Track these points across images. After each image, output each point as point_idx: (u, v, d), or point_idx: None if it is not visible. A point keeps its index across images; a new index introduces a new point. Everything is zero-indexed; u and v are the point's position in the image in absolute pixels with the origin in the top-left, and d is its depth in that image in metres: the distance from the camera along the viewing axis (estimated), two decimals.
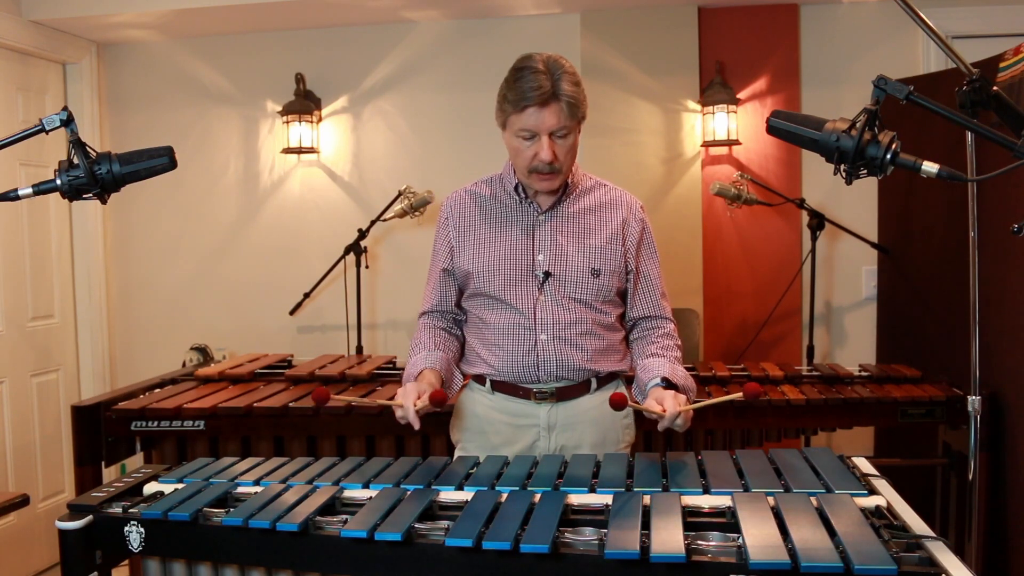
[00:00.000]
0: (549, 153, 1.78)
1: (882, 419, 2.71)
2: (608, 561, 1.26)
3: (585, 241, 1.90)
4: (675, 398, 1.69)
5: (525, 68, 1.77)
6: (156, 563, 1.55)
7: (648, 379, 1.84)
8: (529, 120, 1.77)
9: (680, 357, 1.94)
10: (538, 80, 1.73)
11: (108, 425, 2.61)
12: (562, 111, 1.76)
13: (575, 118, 1.79)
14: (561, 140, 1.80)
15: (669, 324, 1.99)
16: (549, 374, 1.90)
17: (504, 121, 1.84)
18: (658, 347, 1.93)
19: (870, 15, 3.57)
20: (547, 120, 1.76)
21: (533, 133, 1.78)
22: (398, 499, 1.50)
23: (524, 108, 1.76)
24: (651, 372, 1.85)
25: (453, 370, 1.96)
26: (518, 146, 1.82)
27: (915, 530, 1.32)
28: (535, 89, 1.73)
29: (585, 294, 1.89)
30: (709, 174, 3.62)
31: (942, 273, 3.06)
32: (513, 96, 1.77)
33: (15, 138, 1.49)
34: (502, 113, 1.83)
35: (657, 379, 1.81)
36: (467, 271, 1.93)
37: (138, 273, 4.01)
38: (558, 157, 1.80)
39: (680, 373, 1.86)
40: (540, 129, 1.77)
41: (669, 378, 1.80)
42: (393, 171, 3.79)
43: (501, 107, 1.83)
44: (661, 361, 1.87)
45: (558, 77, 1.75)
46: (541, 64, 1.76)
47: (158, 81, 3.94)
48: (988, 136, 1.37)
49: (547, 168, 1.81)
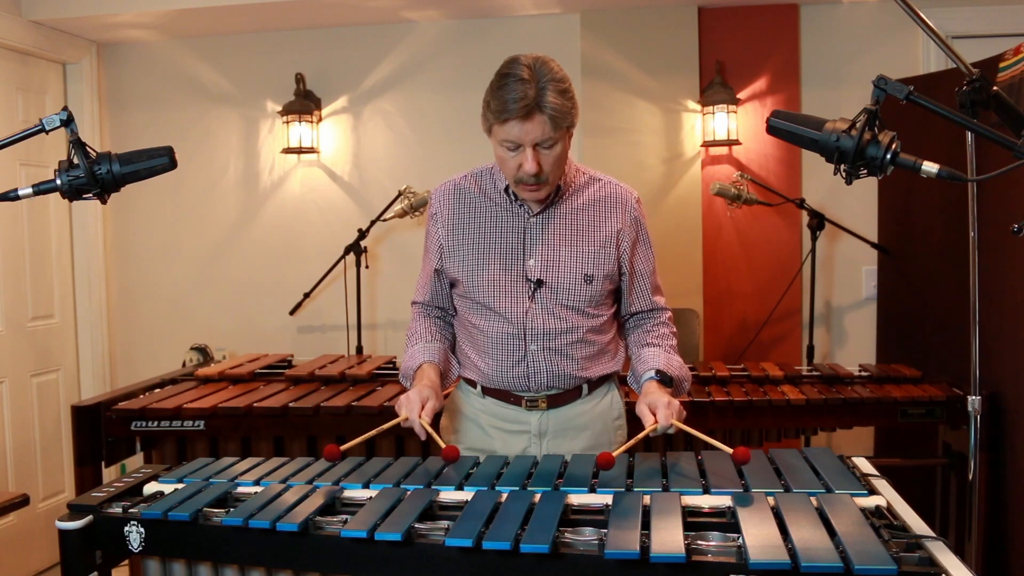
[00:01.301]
0: (533, 165, 1.71)
1: (882, 419, 2.71)
2: (608, 561, 1.26)
3: (578, 245, 1.86)
4: (668, 407, 1.66)
5: (509, 75, 1.68)
6: (156, 563, 1.54)
7: (643, 371, 1.83)
8: (511, 132, 1.69)
9: (675, 346, 1.92)
10: (522, 90, 1.65)
11: (108, 425, 2.61)
12: (545, 123, 1.68)
13: (559, 129, 1.70)
14: (547, 151, 1.72)
15: (665, 314, 1.96)
16: (540, 384, 1.87)
17: (488, 129, 1.75)
18: (654, 336, 1.91)
19: (870, 15, 3.57)
20: (530, 132, 1.68)
21: (517, 144, 1.71)
22: (398, 499, 1.50)
23: (506, 120, 1.68)
24: (647, 364, 1.84)
25: (451, 361, 1.96)
26: (503, 156, 1.76)
27: (915, 530, 1.32)
28: (517, 100, 1.65)
29: (577, 301, 1.85)
30: (709, 174, 3.62)
31: (942, 273, 3.06)
32: (496, 106, 1.68)
33: (15, 138, 1.49)
34: (486, 120, 1.75)
35: (651, 372, 1.80)
36: (456, 277, 1.91)
37: (138, 273, 4.01)
38: (543, 168, 1.73)
39: (675, 363, 1.85)
40: (523, 141, 1.69)
41: (664, 370, 1.80)
42: (393, 171, 3.79)
43: (484, 115, 1.74)
44: (656, 352, 1.86)
45: (543, 86, 1.67)
46: (526, 71, 1.67)
47: (158, 81, 3.94)
48: (988, 136, 1.37)
49: (532, 180, 1.74)
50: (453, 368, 1.96)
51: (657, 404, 1.68)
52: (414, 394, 1.74)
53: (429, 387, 1.77)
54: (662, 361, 1.83)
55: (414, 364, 1.87)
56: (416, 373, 1.86)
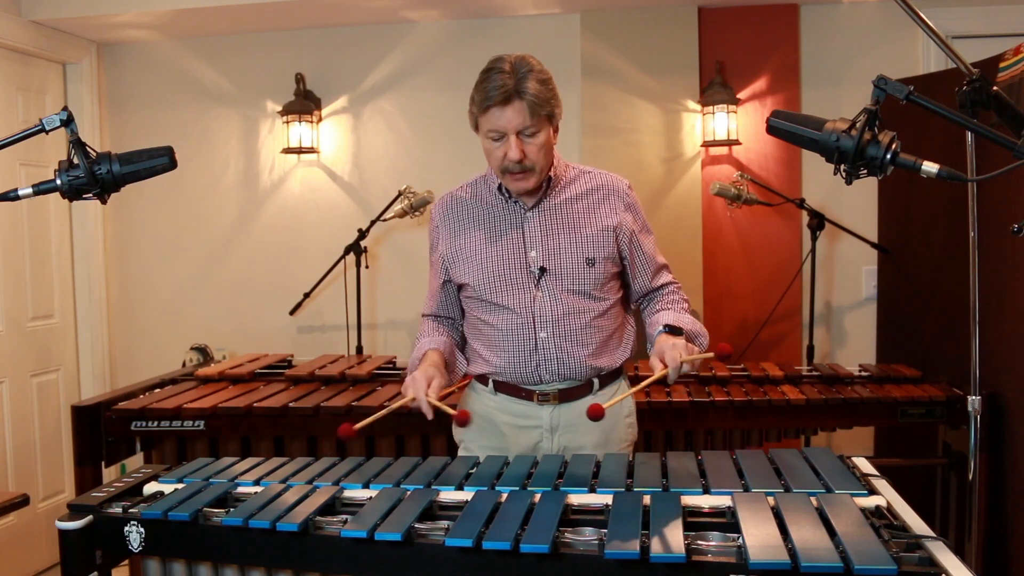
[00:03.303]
0: (517, 152, 1.77)
1: (882, 419, 2.71)
2: (608, 561, 1.26)
3: (576, 231, 1.90)
4: (674, 348, 1.69)
5: (492, 70, 1.78)
6: (156, 563, 1.55)
7: (654, 331, 1.86)
8: (493, 120, 1.77)
9: (687, 308, 1.96)
10: (501, 80, 1.74)
11: (108, 425, 2.61)
12: (524, 109, 1.75)
13: (538, 116, 1.77)
14: (530, 139, 1.79)
15: (673, 284, 2.02)
16: (551, 373, 1.90)
17: (475, 124, 1.85)
18: (664, 303, 1.96)
19: (870, 15, 3.57)
20: (511, 119, 1.76)
21: (501, 133, 1.79)
22: (398, 499, 1.50)
23: (487, 108, 1.77)
24: (656, 324, 1.87)
25: (456, 355, 1.98)
26: (489, 147, 1.83)
27: (915, 530, 1.32)
28: (497, 88, 1.74)
29: (582, 284, 1.89)
30: (709, 174, 3.62)
31: (942, 273, 3.06)
32: (479, 97, 1.78)
33: (15, 138, 1.49)
34: (472, 116, 1.84)
35: (660, 327, 1.82)
36: (463, 281, 1.95)
37: (138, 273, 4.01)
38: (527, 156, 1.79)
39: (686, 319, 1.88)
40: (506, 128, 1.77)
41: (672, 324, 1.82)
42: (393, 171, 3.79)
43: (470, 109, 1.84)
44: (667, 312, 1.90)
45: (522, 76, 1.75)
46: (507, 65, 1.77)
47: (158, 81, 3.94)
48: (988, 136, 1.37)
49: (517, 167, 1.80)
50: (459, 362, 1.99)
51: (664, 349, 1.71)
52: (419, 374, 1.76)
53: (434, 367, 1.80)
54: (671, 317, 1.86)
55: (419, 354, 1.90)
56: (421, 359, 1.88)
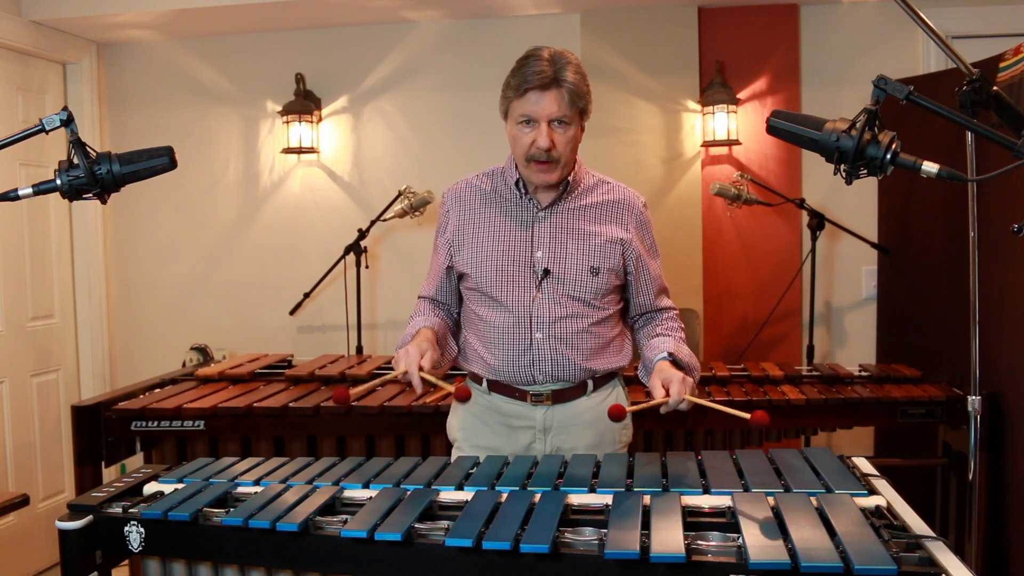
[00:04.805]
0: (547, 140, 1.77)
1: (882, 419, 2.71)
2: (608, 561, 1.26)
3: (585, 239, 1.89)
4: (683, 382, 1.69)
5: (531, 56, 1.79)
6: (156, 563, 1.55)
7: (654, 355, 1.85)
8: (529, 104, 1.77)
9: (684, 339, 1.96)
10: (541, 66, 1.75)
11: (108, 425, 2.61)
12: (563, 98, 1.76)
13: (576, 108, 1.79)
14: (560, 130, 1.79)
15: (672, 311, 2.02)
16: (545, 374, 1.89)
17: (506, 109, 1.84)
18: (663, 328, 1.96)
19: (870, 15, 3.57)
20: (547, 106, 1.76)
21: (532, 119, 1.78)
22: (398, 499, 1.50)
23: (525, 92, 1.76)
24: (658, 349, 1.86)
25: (449, 337, 1.97)
26: (517, 133, 1.82)
27: (915, 530, 1.32)
28: (537, 73, 1.74)
29: (584, 292, 1.88)
30: (709, 174, 3.62)
31: (942, 273, 3.06)
32: (515, 81, 1.78)
33: (15, 138, 1.49)
34: (504, 100, 1.84)
35: (663, 354, 1.82)
36: (464, 270, 1.93)
37: (138, 273, 4.01)
38: (556, 146, 1.79)
39: (685, 351, 1.87)
40: (539, 115, 1.77)
41: (675, 353, 1.82)
42: (393, 171, 3.79)
43: (504, 94, 1.83)
44: (667, 340, 1.90)
45: (561, 66, 1.76)
46: (547, 54, 1.78)
47: (158, 81, 3.94)
48: (988, 136, 1.37)
49: (544, 156, 1.79)
50: (451, 346, 1.98)
51: (671, 379, 1.70)
52: (412, 347, 1.74)
53: (427, 341, 1.79)
54: (672, 346, 1.86)
55: (412, 331, 1.87)
56: (414, 336, 1.85)
